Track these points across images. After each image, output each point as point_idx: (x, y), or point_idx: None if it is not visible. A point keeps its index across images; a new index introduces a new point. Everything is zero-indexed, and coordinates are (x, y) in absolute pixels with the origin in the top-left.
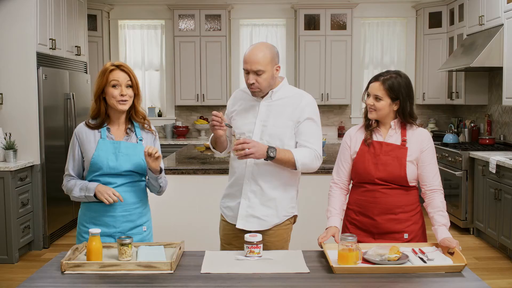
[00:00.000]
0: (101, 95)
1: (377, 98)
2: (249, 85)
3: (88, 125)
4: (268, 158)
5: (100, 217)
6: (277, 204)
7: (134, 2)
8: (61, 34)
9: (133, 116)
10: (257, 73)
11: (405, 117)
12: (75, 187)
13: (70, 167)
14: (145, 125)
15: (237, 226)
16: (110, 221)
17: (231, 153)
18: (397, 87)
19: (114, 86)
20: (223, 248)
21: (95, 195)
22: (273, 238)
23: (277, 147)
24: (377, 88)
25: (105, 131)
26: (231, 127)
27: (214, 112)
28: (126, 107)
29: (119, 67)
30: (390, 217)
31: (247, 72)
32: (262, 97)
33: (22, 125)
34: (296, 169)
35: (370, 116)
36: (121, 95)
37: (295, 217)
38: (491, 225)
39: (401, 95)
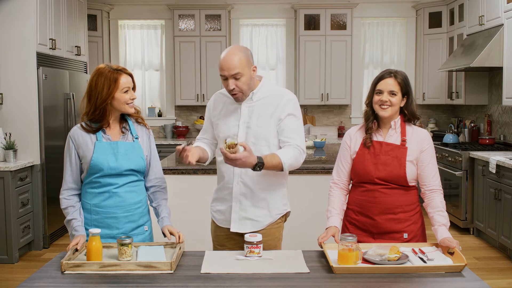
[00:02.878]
0: (108, 101)
1: (392, 93)
2: (230, 91)
3: (84, 128)
4: (254, 170)
5: (102, 219)
6: (268, 204)
7: (134, 2)
8: (61, 34)
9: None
10: (236, 77)
11: (412, 113)
12: (68, 215)
13: (68, 173)
14: (138, 119)
15: (231, 230)
16: (112, 222)
17: (217, 158)
18: (407, 82)
19: (125, 92)
20: (215, 249)
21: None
22: (266, 238)
23: (265, 157)
24: (392, 83)
25: (100, 133)
26: (191, 143)
27: (178, 148)
28: (133, 109)
29: (124, 71)
30: (390, 217)
31: (225, 78)
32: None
33: (22, 125)
34: (282, 171)
35: (384, 114)
36: (132, 98)
37: (286, 214)
38: (491, 225)
39: (410, 90)
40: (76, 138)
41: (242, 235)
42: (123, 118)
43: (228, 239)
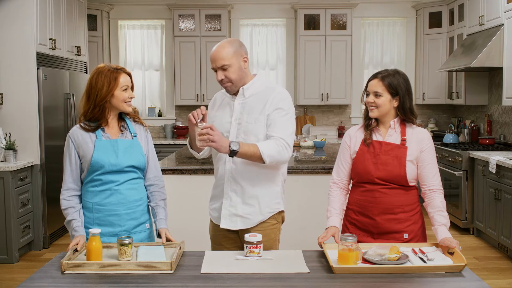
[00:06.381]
0: (107, 99)
1: (377, 94)
2: (220, 82)
3: (83, 128)
4: (231, 152)
5: (104, 217)
6: (259, 201)
7: (134, 2)
8: (61, 34)
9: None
10: (223, 68)
11: (406, 113)
12: (68, 216)
13: (68, 173)
14: (136, 119)
15: (221, 226)
16: (114, 220)
17: (213, 154)
18: (396, 83)
19: (125, 90)
20: (213, 248)
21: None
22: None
23: (241, 142)
24: (376, 84)
25: (100, 131)
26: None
27: (202, 108)
28: (131, 108)
29: (124, 70)
30: (390, 217)
31: (215, 70)
32: (236, 94)
33: (22, 125)
34: (264, 162)
35: (371, 114)
36: (130, 97)
37: (282, 216)
38: (491, 225)
39: (401, 90)
40: (75, 137)
41: (238, 233)
42: (121, 117)
43: (225, 238)
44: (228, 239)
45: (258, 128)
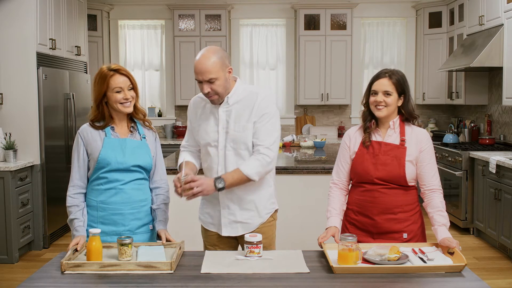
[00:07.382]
0: (102, 100)
1: (386, 93)
2: (206, 95)
3: (92, 126)
4: (219, 190)
5: (108, 216)
6: (256, 205)
7: (134, 2)
8: (61, 34)
9: (133, 115)
10: (210, 81)
11: (409, 112)
12: (71, 215)
13: (75, 169)
14: (146, 123)
15: (223, 234)
16: (118, 219)
17: (203, 164)
18: (403, 82)
19: (117, 92)
20: (206, 249)
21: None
22: None
23: (224, 175)
24: (386, 83)
25: (109, 130)
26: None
27: (175, 181)
28: (130, 109)
29: (118, 71)
30: (389, 217)
31: (200, 81)
32: (220, 103)
33: (22, 125)
34: (254, 181)
35: (379, 114)
36: (125, 98)
37: (275, 212)
38: (491, 225)
39: (406, 89)
40: (85, 135)
41: (236, 236)
42: (131, 119)
43: (220, 238)
44: (223, 239)
45: (246, 136)
